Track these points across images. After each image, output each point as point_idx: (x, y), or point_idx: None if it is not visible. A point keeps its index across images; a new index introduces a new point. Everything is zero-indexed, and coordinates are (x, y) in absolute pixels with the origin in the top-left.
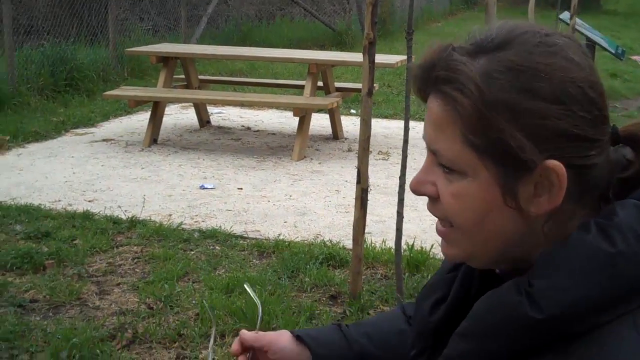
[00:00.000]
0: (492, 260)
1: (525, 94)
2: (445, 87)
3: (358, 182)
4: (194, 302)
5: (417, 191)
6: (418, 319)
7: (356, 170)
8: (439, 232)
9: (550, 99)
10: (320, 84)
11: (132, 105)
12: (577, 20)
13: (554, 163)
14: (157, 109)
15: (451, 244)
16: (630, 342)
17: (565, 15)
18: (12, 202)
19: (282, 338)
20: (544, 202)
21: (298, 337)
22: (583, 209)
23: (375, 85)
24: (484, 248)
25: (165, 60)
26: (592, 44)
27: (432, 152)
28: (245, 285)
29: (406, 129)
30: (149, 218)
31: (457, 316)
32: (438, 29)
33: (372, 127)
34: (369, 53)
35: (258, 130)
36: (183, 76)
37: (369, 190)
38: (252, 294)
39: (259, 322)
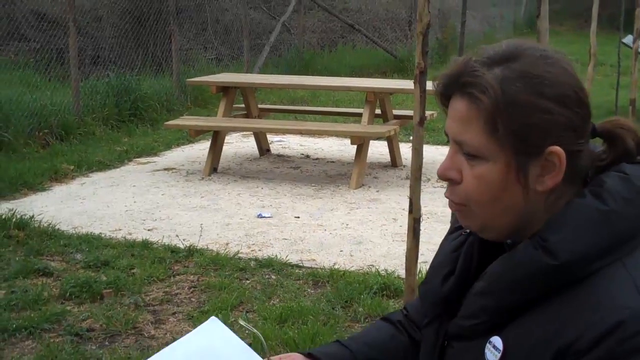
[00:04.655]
0: (502, 231)
1: (535, 95)
2: (471, 89)
3: (410, 211)
4: (247, 332)
5: (443, 176)
6: (430, 293)
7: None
8: (451, 208)
9: (553, 100)
10: (378, 111)
11: (193, 135)
12: None
13: (556, 148)
14: (217, 138)
15: (467, 218)
16: (622, 277)
17: (628, 39)
18: (74, 231)
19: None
20: (547, 180)
21: (310, 355)
22: (572, 188)
23: (433, 112)
24: (496, 221)
25: (225, 89)
26: None
27: (457, 143)
28: (240, 321)
29: None
30: (206, 247)
31: (462, 287)
32: None
33: (432, 154)
34: (420, 82)
35: (317, 159)
36: (244, 105)
37: (421, 219)
38: (248, 327)
39: (266, 350)
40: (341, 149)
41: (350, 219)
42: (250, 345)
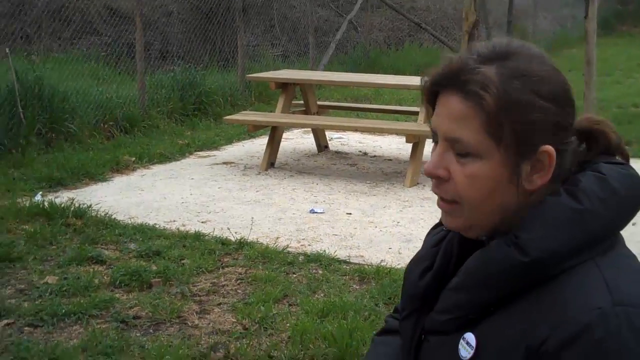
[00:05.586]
0: (487, 229)
1: (533, 94)
2: (472, 87)
3: None
4: (288, 324)
5: (432, 174)
6: (408, 285)
7: None
8: (442, 207)
9: (548, 98)
10: None
11: (251, 130)
12: None
13: (548, 147)
14: (274, 133)
15: (454, 217)
16: (594, 277)
17: None
18: (130, 221)
19: None
20: (537, 179)
21: None
22: (554, 186)
23: None
24: (484, 219)
25: (284, 86)
26: None
27: (449, 140)
28: None
29: None
30: (256, 240)
31: (440, 283)
32: (572, 55)
33: None
34: None
35: (375, 156)
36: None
37: None
38: None
39: None
40: (400, 147)
41: (401, 217)
42: None
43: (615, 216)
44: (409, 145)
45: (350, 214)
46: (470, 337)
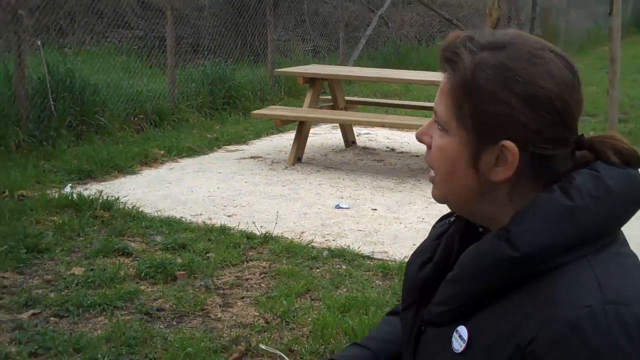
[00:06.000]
0: (464, 210)
1: (502, 87)
2: (447, 65)
3: None
4: (309, 319)
5: (418, 139)
6: (408, 277)
7: None
8: (429, 178)
9: (519, 97)
10: None
11: (278, 125)
12: None
13: (509, 144)
14: (302, 128)
15: (435, 187)
16: (585, 275)
17: None
18: (157, 214)
19: None
20: (500, 172)
21: None
22: (544, 186)
23: None
24: (455, 197)
25: (312, 81)
26: None
27: (435, 110)
28: (261, 346)
29: None
30: (281, 235)
31: (440, 275)
32: (604, 53)
33: None
34: None
35: (402, 152)
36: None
37: None
38: (269, 349)
39: None
40: None
41: (427, 213)
42: None
43: (609, 214)
44: None
45: (376, 209)
46: (462, 330)
